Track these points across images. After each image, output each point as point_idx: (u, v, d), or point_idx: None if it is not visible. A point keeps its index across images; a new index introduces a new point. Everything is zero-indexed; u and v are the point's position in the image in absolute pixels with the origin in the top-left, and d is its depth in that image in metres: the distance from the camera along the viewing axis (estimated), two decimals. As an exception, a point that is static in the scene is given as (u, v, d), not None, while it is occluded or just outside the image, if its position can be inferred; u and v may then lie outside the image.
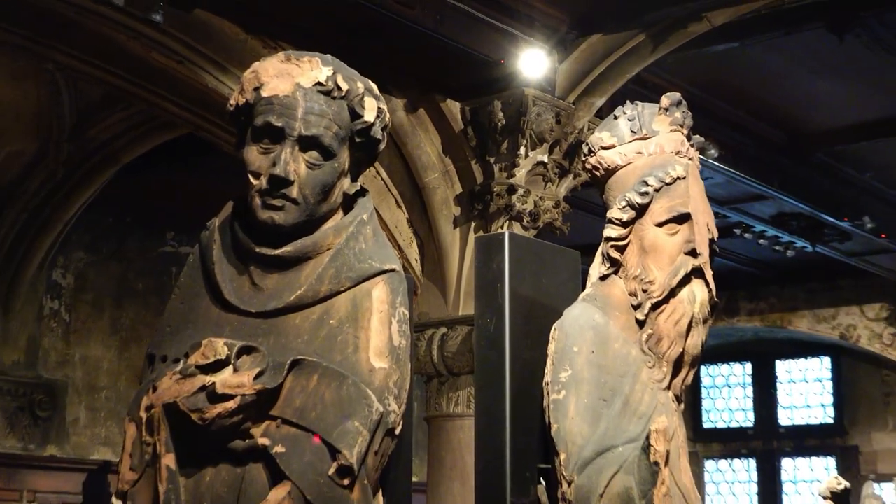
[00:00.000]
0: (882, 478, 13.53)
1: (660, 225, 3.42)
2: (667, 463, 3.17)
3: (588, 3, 7.18)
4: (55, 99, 10.00)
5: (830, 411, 15.33)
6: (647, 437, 3.18)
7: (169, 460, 2.80)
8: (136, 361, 11.01)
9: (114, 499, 9.70)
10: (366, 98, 3.10)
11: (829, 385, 15.37)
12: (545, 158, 7.59)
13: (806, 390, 15.59)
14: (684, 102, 3.63)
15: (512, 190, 7.52)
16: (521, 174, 7.53)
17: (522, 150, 7.49)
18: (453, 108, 7.75)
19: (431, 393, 8.01)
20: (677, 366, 3.42)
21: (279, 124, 2.97)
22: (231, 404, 2.75)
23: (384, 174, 7.85)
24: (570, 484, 3.21)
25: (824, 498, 11.42)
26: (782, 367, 15.75)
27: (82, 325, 11.65)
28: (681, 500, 3.27)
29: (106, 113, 10.04)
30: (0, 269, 10.77)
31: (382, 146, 3.21)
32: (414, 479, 3.57)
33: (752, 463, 15.80)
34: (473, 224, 7.76)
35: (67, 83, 9.75)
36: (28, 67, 9.46)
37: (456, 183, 7.89)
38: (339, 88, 3.05)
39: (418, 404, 7.83)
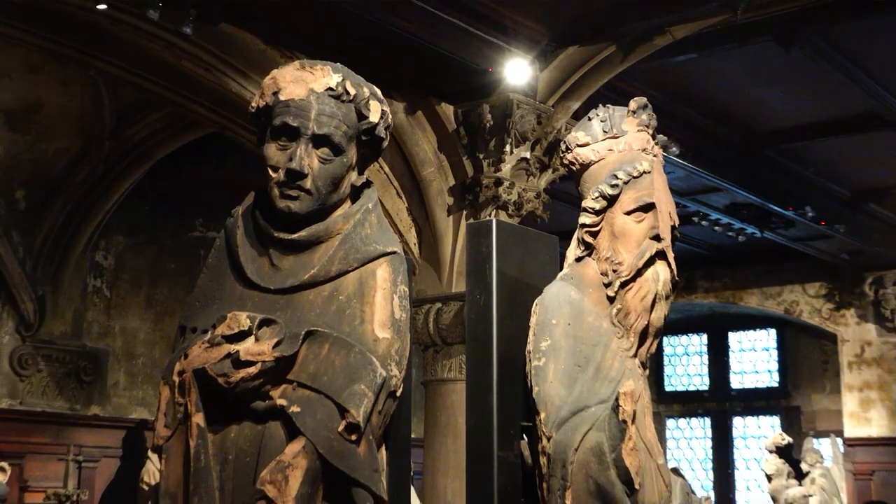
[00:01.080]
0: (820, 434, 13.57)
1: (628, 213, 3.42)
2: (633, 421, 3.18)
3: (566, 19, 7.15)
4: (97, 102, 9.98)
5: (776, 376, 15.37)
6: (617, 399, 3.19)
7: (198, 419, 2.80)
8: (169, 332, 11.01)
9: (150, 452, 9.78)
10: (371, 101, 3.10)
11: (774, 353, 15.40)
12: (528, 155, 7.58)
13: (754, 358, 15.62)
14: (650, 106, 3.63)
15: (498, 182, 7.52)
16: (506, 169, 7.53)
17: (508, 148, 7.49)
18: (447, 110, 7.74)
19: (428, 360, 8.02)
20: (643, 336, 3.42)
21: (295, 124, 2.97)
22: (253, 370, 2.76)
23: (387, 168, 7.85)
24: (549, 439, 3.22)
25: (770, 451, 11.47)
26: (734, 338, 15.78)
27: (121, 300, 11.64)
28: (645, 454, 3.28)
29: (141, 114, 10.03)
30: (49, 252, 10.77)
31: (385, 144, 3.21)
32: (413, 435, 3.58)
33: (708, 422, 15.83)
34: (465, 212, 7.76)
35: (108, 88, 9.74)
36: (73, 74, 9.44)
37: (449, 176, 7.88)
38: (347, 93, 3.04)
39: (416, 370, 7.82)
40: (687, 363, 16.20)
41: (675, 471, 11.79)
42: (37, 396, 10.76)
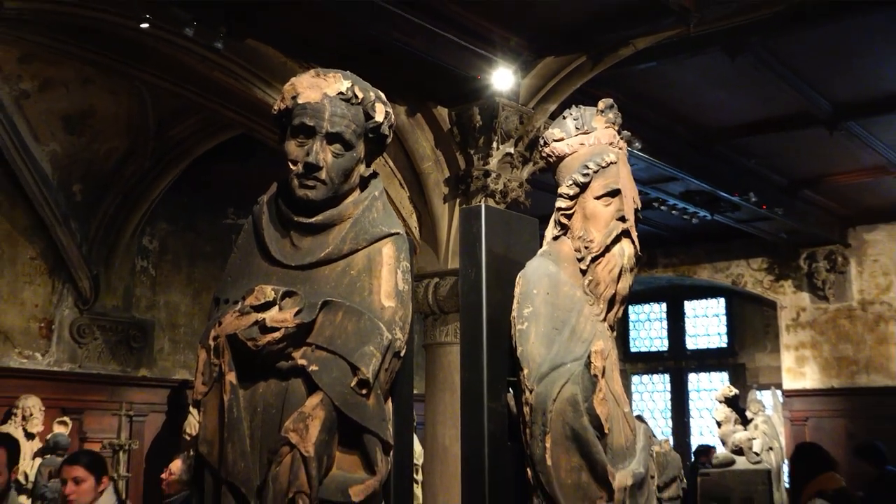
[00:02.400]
0: (762, 387, 13.61)
1: (597, 198, 3.41)
2: (603, 375, 3.18)
3: (543, 33, 7.13)
4: (141, 108, 9.96)
5: (724, 338, 15.39)
6: (589, 356, 3.19)
7: (231, 377, 2.80)
8: (206, 305, 11.01)
9: (191, 408, 9.75)
10: (376, 104, 3.09)
11: (723, 319, 15.42)
12: (512, 150, 7.56)
13: (706, 323, 15.65)
14: (615, 106, 3.62)
15: (487, 174, 7.50)
16: (493, 162, 7.51)
17: (494, 144, 7.47)
18: (442, 112, 7.71)
19: (427, 327, 8.02)
20: (611, 303, 3.42)
21: (311, 124, 2.95)
22: (277, 334, 2.75)
23: (391, 162, 7.83)
24: (531, 392, 3.21)
25: (720, 402, 11.52)
26: (689, 306, 15.81)
27: (165, 278, 11.64)
28: (614, 403, 3.28)
29: (180, 118, 10.01)
30: (102, 237, 10.76)
31: (389, 140, 3.20)
32: (415, 391, 3.57)
33: (667, 377, 15.87)
34: (458, 200, 7.74)
35: (151, 96, 9.72)
36: (121, 84, 9.41)
37: (444, 169, 7.86)
38: (356, 97, 3.03)
39: (418, 336, 7.83)
40: (649, 328, 16.22)
41: (639, 417, 11.81)
42: (93, 361, 10.77)
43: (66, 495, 4.70)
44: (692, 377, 15.68)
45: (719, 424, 11.49)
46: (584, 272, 3.38)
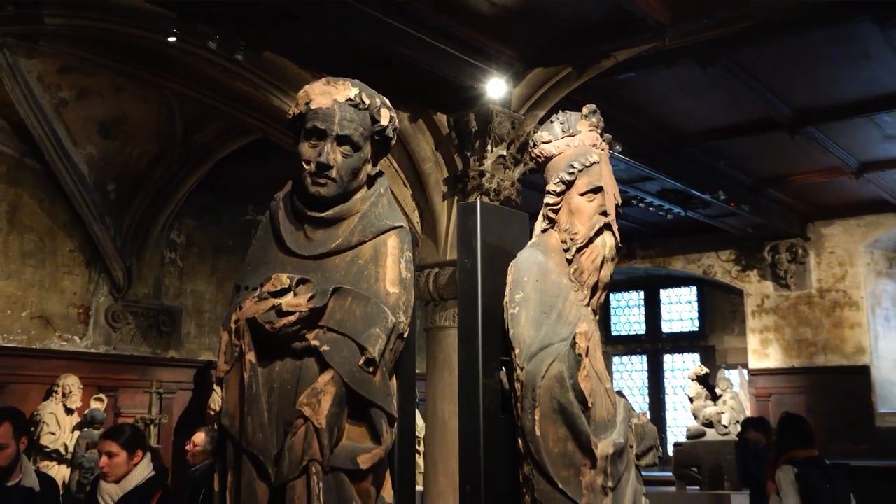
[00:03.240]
0: (730, 366, 13.62)
1: (582, 194, 3.40)
2: (587, 354, 3.18)
3: (533, 47, 7.11)
4: (169, 115, 9.94)
5: (696, 323, 15.37)
6: (574, 338, 3.18)
7: (251, 356, 2.79)
8: (228, 293, 10.93)
9: (215, 386, 9.70)
10: (382, 109, 3.07)
11: (695, 305, 15.40)
12: (504, 153, 7.55)
13: (680, 309, 15.63)
14: (598, 111, 3.61)
15: (482, 174, 7.49)
16: (488, 163, 7.50)
17: (489, 147, 7.45)
18: (441, 118, 7.70)
19: (428, 313, 8.00)
20: (594, 290, 3.41)
21: (323, 127, 2.94)
22: (292, 318, 2.75)
23: (395, 163, 7.81)
24: (522, 370, 3.21)
25: (692, 380, 11.49)
26: (664, 294, 15.79)
27: (191, 269, 11.62)
28: (596, 380, 3.28)
29: (204, 124, 9.98)
30: (134, 232, 10.74)
31: (393, 142, 3.19)
32: (417, 370, 3.58)
33: (644, 358, 15.86)
34: (456, 197, 7.72)
35: (178, 103, 9.69)
36: (151, 93, 9.39)
37: (444, 169, 7.84)
38: (363, 102, 3.02)
39: (420, 321, 7.82)
40: (628, 313, 16.21)
41: (619, 393, 11.78)
42: (126, 343, 10.76)
43: (101, 468, 4.68)
44: (667, 358, 15.67)
45: (691, 400, 11.48)
46: (569, 262, 3.38)
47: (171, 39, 6.52)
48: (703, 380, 11.42)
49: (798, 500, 5.80)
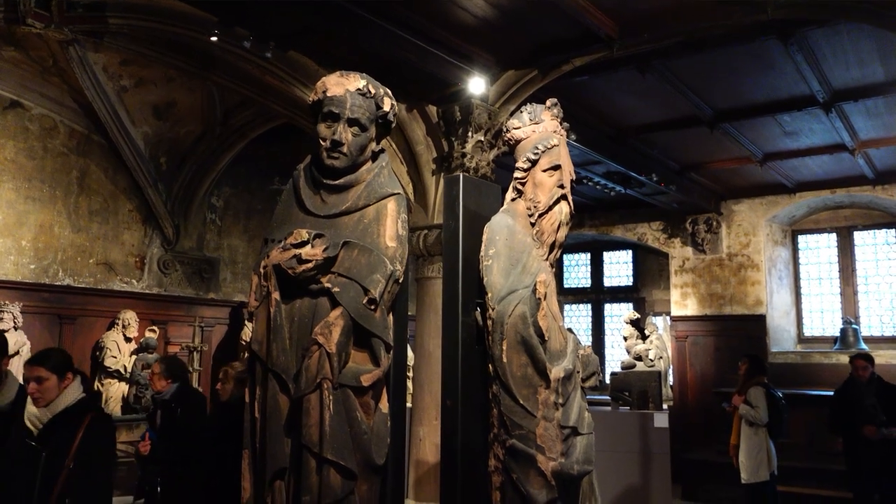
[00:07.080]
0: (657, 313, 13.73)
1: (544, 171, 3.41)
2: (545, 298, 3.19)
3: (507, 53, 7.03)
4: (211, 102, 9.83)
5: (631, 279, 15.43)
6: (535, 285, 3.20)
7: (276, 295, 2.79)
8: (258, 247, 10.95)
9: (246, 320, 9.63)
10: (385, 98, 3.06)
11: (630, 265, 15.46)
12: (482, 138, 7.50)
13: (618, 268, 15.68)
14: (559, 104, 3.60)
15: (464, 155, 7.45)
16: (469, 147, 7.45)
17: (470, 134, 7.41)
18: (432, 109, 7.63)
19: (418, 265, 8.00)
20: (552, 248, 3.43)
21: (336, 111, 2.92)
22: (310, 265, 2.75)
23: (394, 145, 7.76)
24: (493, 310, 3.23)
25: (626, 323, 11.61)
26: (606, 255, 15.81)
27: (228, 228, 11.53)
28: (552, 319, 3.30)
29: (240, 110, 9.90)
30: (182, 197, 10.64)
31: (393, 126, 3.18)
32: (409, 312, 3.57)
33: (589, 306, 15.92)
34: (442, 174, 7.69)
35: (218, 92, 9.61)
36: (196, 83, 9.27)
37: (433, 151, 7.79)
38: (370, 92, 3.00)
39: (411, 271, 7.82)
40: (577, 270, 16.26)
41: (570, 329, 11.94)
42: (175, 286, 10.71)
43: (31, 394, 3.54)
44: (608, 307, 15.75)
45: (625, 339, 11.61)
46: (533, 225, 3.39)
47: (213, 39, 6.43)
48: (635, 323, 11.54)
49: (766, 407, 7.10)
